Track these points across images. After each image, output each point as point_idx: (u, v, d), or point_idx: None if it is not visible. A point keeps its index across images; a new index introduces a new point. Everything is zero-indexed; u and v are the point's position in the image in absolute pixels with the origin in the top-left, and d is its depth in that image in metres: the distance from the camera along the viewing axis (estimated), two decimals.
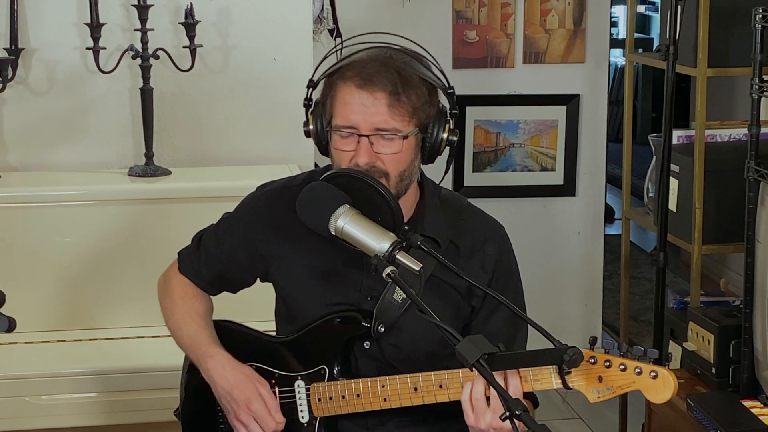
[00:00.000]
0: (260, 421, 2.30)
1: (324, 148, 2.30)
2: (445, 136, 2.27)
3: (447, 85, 2.29)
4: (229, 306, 2.57)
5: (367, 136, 2.19)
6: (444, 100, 2.30)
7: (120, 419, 3.23)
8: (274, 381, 2.36)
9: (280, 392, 2.36)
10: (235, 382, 2.33)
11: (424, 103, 2.22)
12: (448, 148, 2.29)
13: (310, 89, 2.33)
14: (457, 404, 2.10)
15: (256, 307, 2.68)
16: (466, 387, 2.08)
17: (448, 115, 2.28)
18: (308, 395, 2.33)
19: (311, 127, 2.29)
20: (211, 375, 2.36)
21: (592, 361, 2.02)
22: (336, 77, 2.24)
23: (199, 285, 2.49)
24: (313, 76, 2.32)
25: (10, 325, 2.01)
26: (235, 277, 2.48)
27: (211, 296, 2.52)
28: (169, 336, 2.51)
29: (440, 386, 2.18)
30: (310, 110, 2.31)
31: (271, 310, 2.49)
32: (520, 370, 2.06)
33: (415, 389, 2.20)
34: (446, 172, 2.37)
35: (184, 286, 2.49)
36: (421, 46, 2.32)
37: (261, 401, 2.31)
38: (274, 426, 2.31)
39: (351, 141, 2.21)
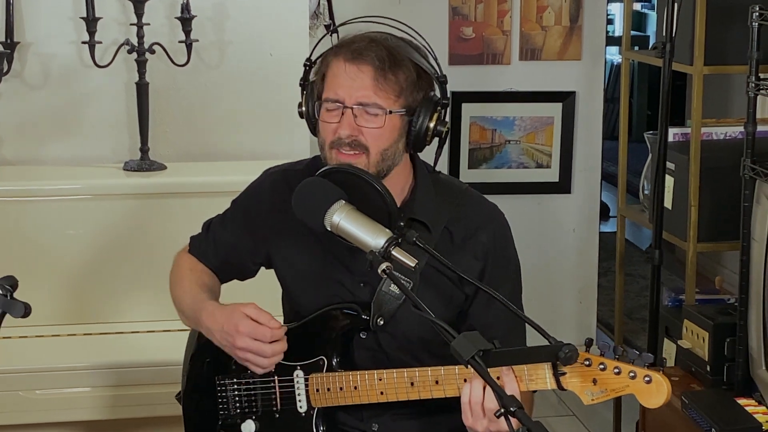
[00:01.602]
0: (255, 335, 2.26)
1: (314, 127, 2.30)
2: (431, 124, 2.26)
3: (439, 73, 2.29)
4: (236, 297, 2.57)
5: (351, 108, 2.20)
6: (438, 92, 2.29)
7: (124, 413, 3.22)
8: (273, 370, 2.36)
9: (279, 381, 2.36)
10: (222, 317, 2.30)
11: (411, 85, 2.23)
12: (437, 139, 2.29)
13: (307, 68, 2.34)
14: (453, 399, 2.10)
15: (262, 297, 2.67)
16: (465, 388, 2.07)
17: (439, 105, 2.28)
18: (306, 385, 2.33)
19: (303, 108, 2.31)
20: (206, 326, 2.34)
21: (587, 363, 2.01)
22: (329, 53, 2.26)
23: (209, 268, 2.51)
24: (310, 56, 2.34)
25: (26, 311, 2.00)
26: (241, 263, 2.49)
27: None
28: (167, 331, 2.50)
29: (436, 382, 2.18)
30: (305, 91, 2.32)
31: (277, 300, 2.50)
32: (515, 370, 2.05)
33: (412, 384, 2.20)
34: (435, 164, 2.36)
35: (194, 262, 2.51)
36: (418, 33, 2.32)
37: (246, 319, 2.27)
38: (269, 334, 2.26)
39: (336, 113, 2.22)
